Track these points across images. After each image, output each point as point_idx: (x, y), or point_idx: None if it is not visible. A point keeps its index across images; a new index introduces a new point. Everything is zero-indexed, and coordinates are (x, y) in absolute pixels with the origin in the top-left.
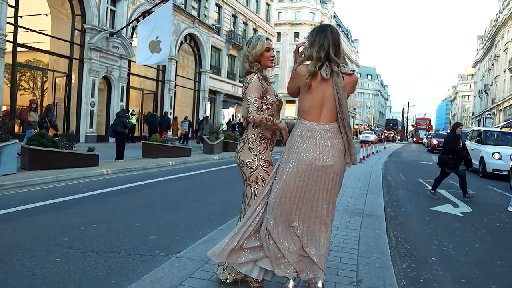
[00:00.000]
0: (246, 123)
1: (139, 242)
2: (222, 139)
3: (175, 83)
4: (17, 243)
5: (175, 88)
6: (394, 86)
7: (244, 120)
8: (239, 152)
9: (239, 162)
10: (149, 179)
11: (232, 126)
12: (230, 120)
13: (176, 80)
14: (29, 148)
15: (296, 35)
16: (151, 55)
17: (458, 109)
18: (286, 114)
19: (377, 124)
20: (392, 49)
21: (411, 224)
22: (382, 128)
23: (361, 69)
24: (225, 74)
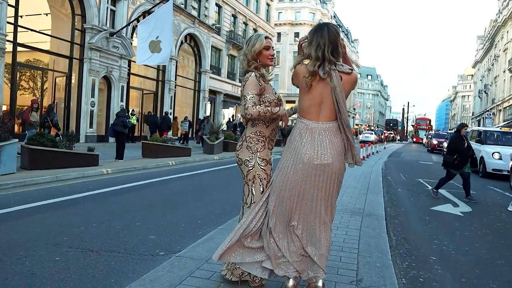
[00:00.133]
0: (245, 122)
1: (139, 241)
2: (222, 139)
3: (175, 83)
4: (16, 242)
5: (175, 88)
6: (394, 86)
7: (244, 119)
8: (238, 151)
9: (238, 160)
10: (149, 179)
11: (234, 126)
12: (230, 120)
13: (176, 80)
14: (29, 148)
15: (296, 35)
16: (151, 55)
17: (458, 109)
18: None
19: (377, 124)
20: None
21: (411, 224)
22: (382, 128)
23: (361, 69)
24: (225, 74)
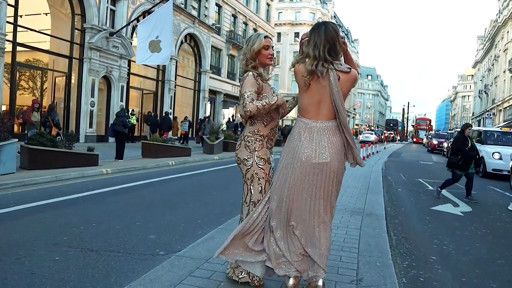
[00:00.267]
0: (245, 121)
1: (139, 241)
2: (222, 139)
3: (175, 83)
4: (16, 242)
5: (175, 88)
6: (394, 87)
7: (243, 118)
8: (237, 150)
9: (237, 159)
10: (148, 179)
11: (234, 126)
12: (230, 120)
13: (176, 80)
14: (28, 148)
15: (296, 35)
16: (151, 54)
17: (458, 109)
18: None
19: (377, 125)
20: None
21: (412, 223)
22: (382, 129)
23: (361, 69)
24: (225, 74)
